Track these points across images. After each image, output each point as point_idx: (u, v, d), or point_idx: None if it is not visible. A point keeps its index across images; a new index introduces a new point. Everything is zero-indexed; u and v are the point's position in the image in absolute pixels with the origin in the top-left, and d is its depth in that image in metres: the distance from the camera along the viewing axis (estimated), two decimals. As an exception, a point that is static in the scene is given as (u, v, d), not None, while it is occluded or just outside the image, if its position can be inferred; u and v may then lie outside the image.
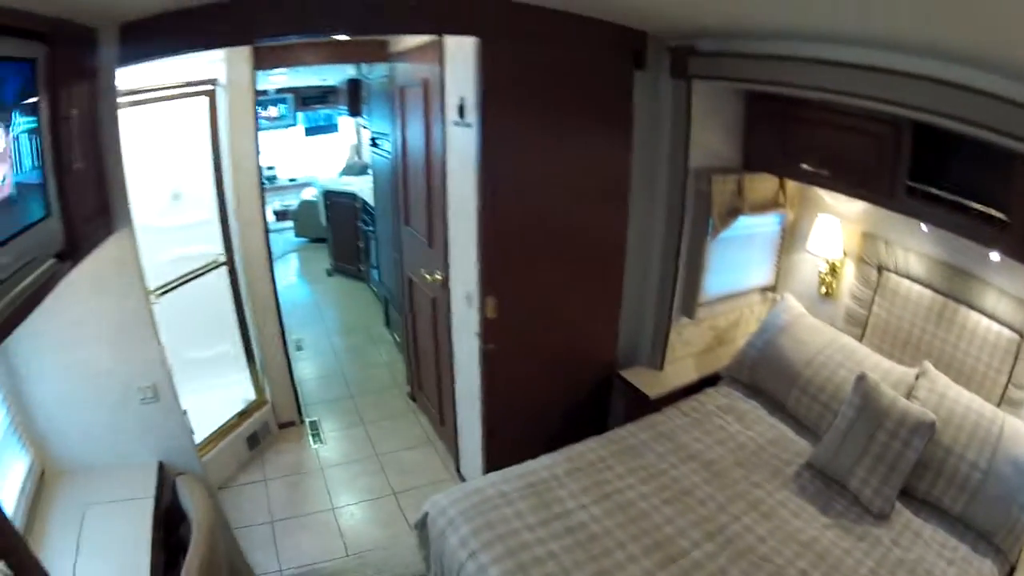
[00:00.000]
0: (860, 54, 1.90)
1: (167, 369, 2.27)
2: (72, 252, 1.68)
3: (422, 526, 2.33)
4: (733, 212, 2.89)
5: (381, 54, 3.92)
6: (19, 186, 1.36)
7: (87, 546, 1.87)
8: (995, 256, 2.17)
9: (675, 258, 2.95)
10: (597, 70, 2.70)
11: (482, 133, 2.54)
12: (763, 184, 2.94)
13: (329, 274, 6.93)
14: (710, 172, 2.82)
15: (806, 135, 2.54)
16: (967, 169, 1.99)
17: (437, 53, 2.85)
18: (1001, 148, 1.67)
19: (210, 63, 3.11)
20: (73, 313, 2.03)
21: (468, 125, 2.62)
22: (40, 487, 2.08)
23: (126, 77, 2.08)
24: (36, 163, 1.46)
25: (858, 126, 2.24)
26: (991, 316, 2.34)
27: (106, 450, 2.20)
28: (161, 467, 2.23)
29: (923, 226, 2.43)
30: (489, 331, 2.83)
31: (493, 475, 2.42)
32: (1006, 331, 2.29)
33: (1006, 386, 2.33)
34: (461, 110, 2.66)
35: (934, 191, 2.02)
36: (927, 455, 2.21)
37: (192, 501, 2.05)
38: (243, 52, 3.22)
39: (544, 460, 2.48)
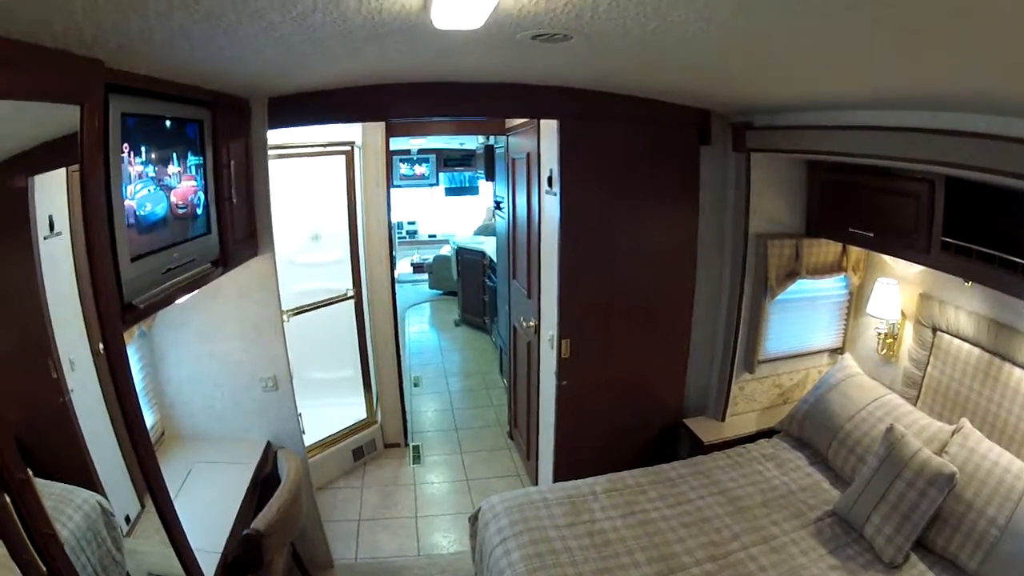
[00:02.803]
0: (898, 117, 2.03)
1: (288, 366, 2.80)
2: (224, 262, 2.28)
3: (475, 519, 2.70)
4: (791, 275, 3.09)
5: (500, 128, 4.47)
6: (188, 198, 1.96)
7: (186, 493, 2.35)
8: None
9: (736, 317, 3.17)
10: (666, 146, 3.04)
11: (561, 200, 2.95)
12: (824, 249, 3.11)
13: (456, 324, 7.51)
14: (768, 237, 3.04)
15: (853, 199, 2.71)
16: (1000, 222, 2.03)
17: (536, 131, 3.31)
18: None
19: (349, 127, 3.78)
20: (220, 312, 2.65)
21: (554, 194, 3.04)
22: (158, 444, 2.62)
23: (277, 136, 2.73)
24: (203, 195, 2.07)
25: (897, 187, 2.38)
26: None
27: (225, 424, 2.75)
28: (269, 445, 2.75)
29: (969, 283, 2.45)
30: (563, 369, 3.17)
31: (543, 486, 2.76)
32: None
33: (1050, 445, 2.24)
34: (550, 180, 3.10)
35: (966, 245, 2.08)
36: (947, 509, 2.20)
37: (286, 467, 2.51)
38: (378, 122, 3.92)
39: (589, 480, 2.77)
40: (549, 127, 3.04)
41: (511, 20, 1.45)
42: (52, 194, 1.35)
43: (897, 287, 2.92)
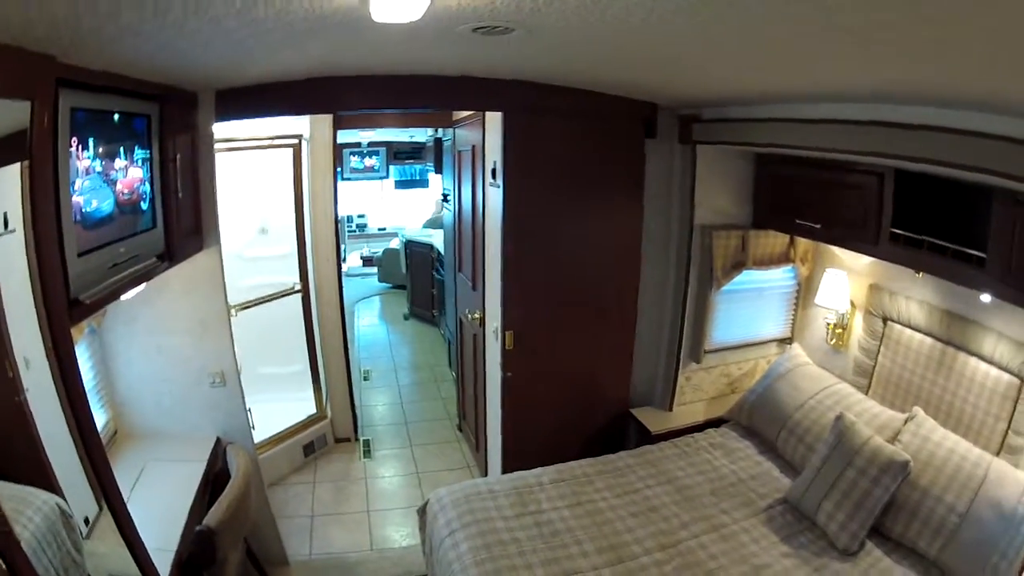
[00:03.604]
0: (846, 110, 2.07)
1: (235, 361, 2.77)
2: (169, 256, 2.26)
3: (423, 512, 2.72)
4: (737, 266, 3.17)
5: (447, 120, 4.49)
6: (133, 192, 1.93)
7: (140, 491, 2.33)
8: (986, 298, 2.21)
9: (682, 308, 3.26)
10: (612, 138, 3.09)
11: (505, 192, 2.99)
12: (771, 240, 3.19)
13: (406, 318, 7.51)
14: (714, 229, 3.12)
15: (800, 191, 2.77)
16: (948, 213, 2.09)
17: (481, 124, 3.34)
18: (977, 188, 1.81)
19: (296, 120, 3.74)
20: (167, 307, 2.62)
21: (497, 186, 3.07)
22: (111, 443, 2.59)
23: (224, 129, 2.69)
24: (149, 189, 2.04)
25: (846, 180, 2.43)
26: (990, 361, 2.34)
27: (174, 421, 2.72)
28: (218, 441, 2.72)
29: (920, 274, 2.50)
30: (508, 361, 3.21)
31: (490, 477, 2.76)
32: (1005, 375, 2.28)
33: (1006, 432, 2.29)
34: (494, 172, 3.12)
35: (917, 236, 2.13)
36: (903, 496, 2.24)
37: (236, 462, 2.50)
38: (326, 115, 3.88)
39: (536, 470, 2.81)
40: (494, 120, 3.06)
41: (450, 13, 1.45)
42: (6, 190, 1.33)
43: (846, 277, 3.00)
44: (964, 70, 1.40)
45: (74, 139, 1.53)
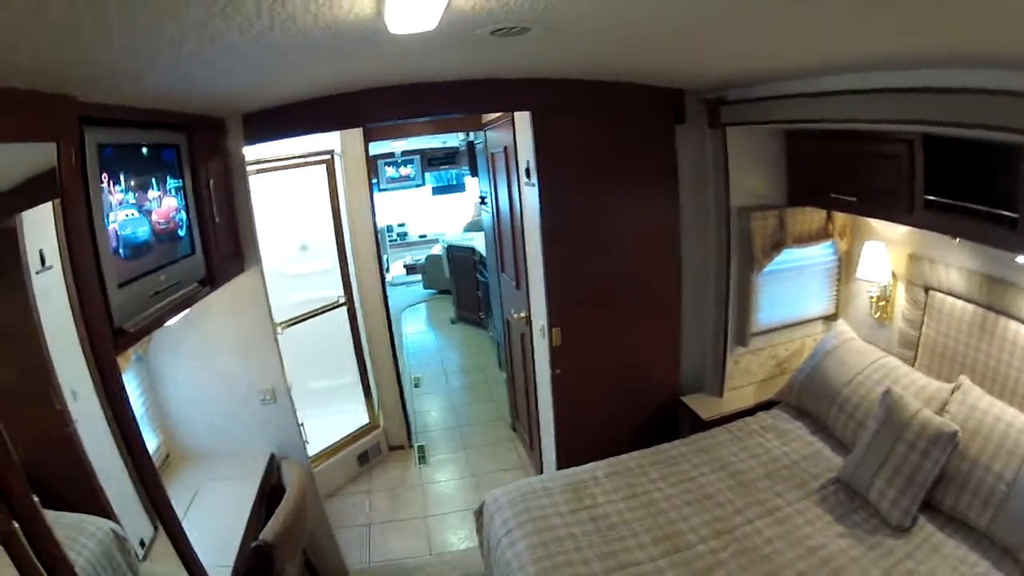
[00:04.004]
0: (871, 79, 2.02)
1: (284, 377, 2.83)
2: (211, 280, 2.31)
3: (479, 514, 2.75)
4: (777, 246, 3.11)
5: (477, 124, 4.49)
6: (170, 221, 1.99)
7: (195, 511, 2.39)
8: (1021, 259, 2.16)
9: (725, 292, 3.21)
10: (642, 128, 3.06)
11: (540, 190, 2.98)
12: (808, 217, 3.12)
13: (453, 322, 7.54)
14: (751, 210, 3.07)
15: (832, 165, 2.71)
16: (979, 176, 2.03)
17: (511, 124, 3.33)
18: (1007, 148, 1.76)
19: (327, 136, 3.80)
20: (212, 328, 2.69)
21: (532, 184, 3.07)
22: (164, 466, 2.66)
23: (255, 151, 2.75)
24: (185, 216, 2.10)
25: (875, 150, 2.37)
26: (1031, 323, 2.27)
27: (226, 440, 2.78)
28: (272, 457, 2.78)
29: (956, 239, 2.44)
30: (556, 358, 3.21)
31: (545, 475, 2.81)
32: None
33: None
34: (528, 172, 3.12)
35: (949, 202, 2.08)
36: (952, 468, 2.19)
37: (290, 476, 2.55)
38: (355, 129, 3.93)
39: (590, 465, 2.81)
40: (523, 119, 3.06)
41: (465, 18, 1.45)
42: (42, 228, 1.38)
43: (885, 249, 2.93)
44: (996, 29, 1.33)
45: (104, 174, 1.58)
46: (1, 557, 1.08)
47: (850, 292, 3.33)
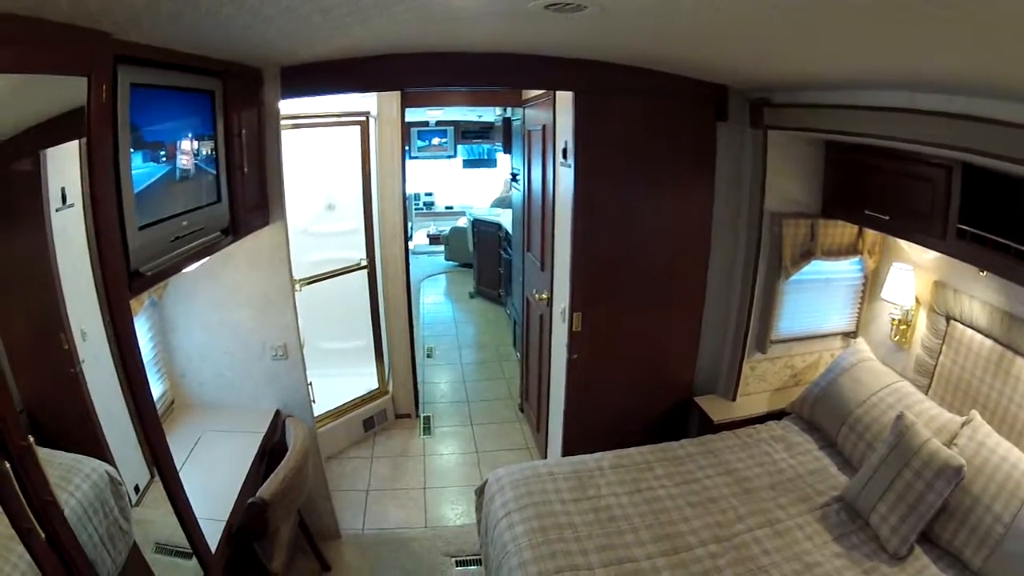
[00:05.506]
0: (917, 99, 2.00)
1: (298, 335, 2.82)
2: (234, 231, 2.29)
3: (481, 492, 2.73)
4: (806, 255, 3.06)
5: (517, 100, 4.41)
6: (197, 167, 1.94)
7: (194, 461, 2.39)
8: None
9: (750, 296, 3.14)
10: (682, 120, 3.00)
11: (576, 172, 2.93)
12: (840, 230, 3.06)
13: (472, 296, 7.54)
14: (783, 216, 3.01)
15: (870, 181, 2.65)
16: (1015, 211, 1.98)
17: (552, 103, 3.27)
18: None
19: (364, 97, 3.75)
20: (230, 280, 2.67)
21: (568, 165, 3.02)
22: (167, 413, 2.66)
23: (290, 106, 2.70)
24: (212, 162, 2.06)
25: (914, 171, 2.32)
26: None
27: (234, 393, 2.78)
28: (278, 413, 2.79)
29: (983, 272, 2.39)
30: (574, 343, 3.17)
31: (550, 460, 2.80)
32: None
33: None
34: (565, 152, 3.07)
35: (982, 233, 2.04)
36: (954, 503, 2.16)
37: (294, 435, 2.55)
38: (393, 92, 3.87)
39: (596, 455, 2.78)
40: (565, 99, 3.01)
41: None
42: (65, 166, 1.35)
43: (912, 273, 2.88)
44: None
45: (134, 115, 1.55)
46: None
47: (872, 311, 3.27)
